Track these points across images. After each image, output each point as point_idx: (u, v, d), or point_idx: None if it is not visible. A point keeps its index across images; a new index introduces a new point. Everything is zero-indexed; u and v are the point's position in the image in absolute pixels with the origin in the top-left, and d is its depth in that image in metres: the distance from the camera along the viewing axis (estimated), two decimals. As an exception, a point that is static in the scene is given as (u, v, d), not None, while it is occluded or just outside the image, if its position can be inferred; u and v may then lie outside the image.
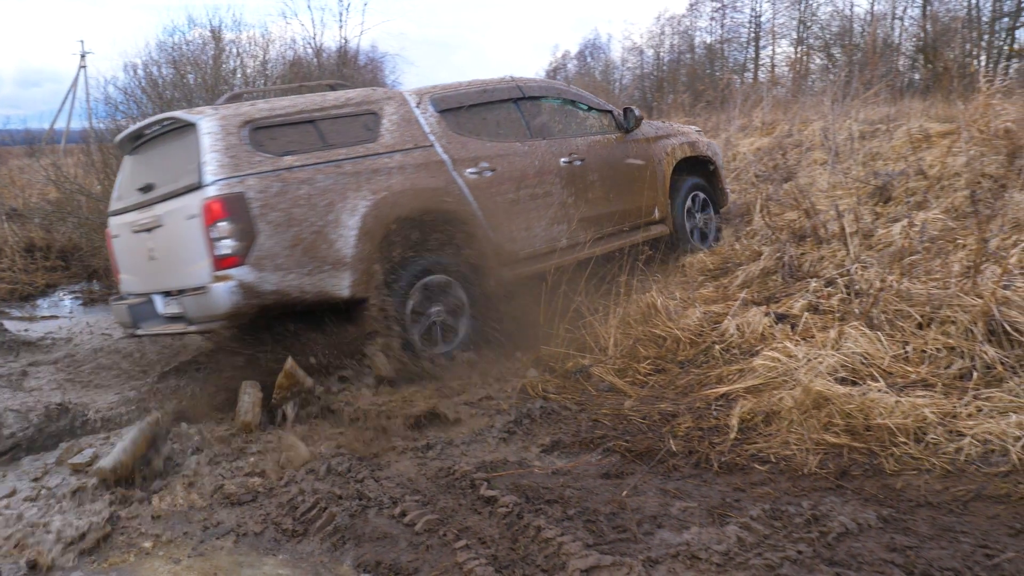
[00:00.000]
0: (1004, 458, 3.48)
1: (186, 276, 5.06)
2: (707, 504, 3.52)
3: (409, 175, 5.50)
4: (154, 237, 5.30)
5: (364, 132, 5.52)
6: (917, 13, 29.59)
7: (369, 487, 3.96)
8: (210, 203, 4.77)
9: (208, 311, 4.89)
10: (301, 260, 4.99)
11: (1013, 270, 4.75)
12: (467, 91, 6.28)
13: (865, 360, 4.48)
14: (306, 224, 5.02)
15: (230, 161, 4.88)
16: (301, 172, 5.08)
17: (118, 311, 5.84)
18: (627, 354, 5.48)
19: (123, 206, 5.75)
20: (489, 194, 5.94)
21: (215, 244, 4.79)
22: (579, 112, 7.02)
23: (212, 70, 12.54)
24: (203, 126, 4.96)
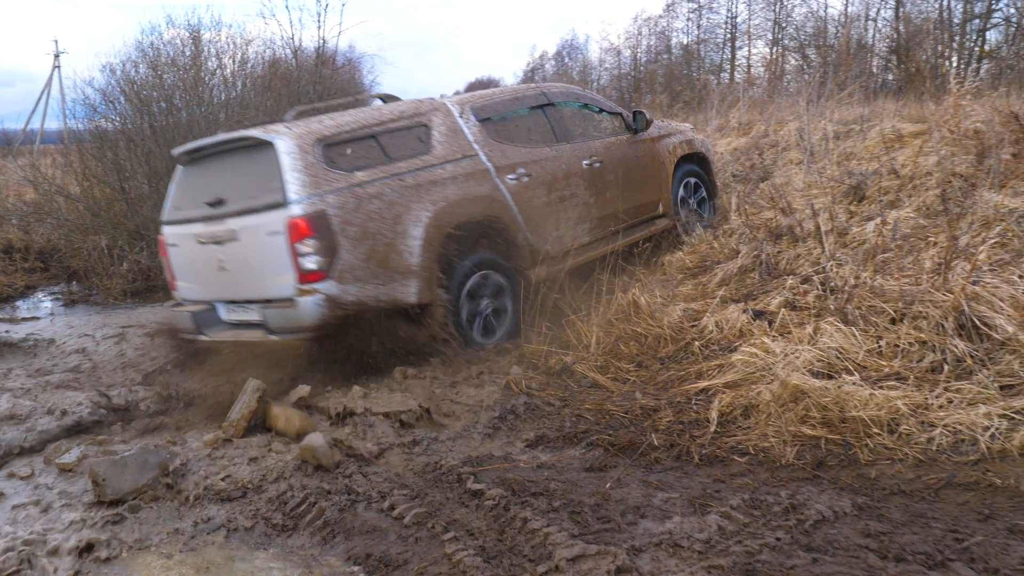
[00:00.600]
0: (973, 447, 3.61)
1: (267, 288, 5.27)
2: (688, 495, 3.62)
3: (461, 184, 5.80)
4: (226, 249, 5.43)
5: (419, 144, 5.79)
6: (890, 14, 30.01)
7: (357, 482, 4.03)
8: (296, 221, 4.99)
9: (295, 323, 5.10)
10: (376, 271, 5.26)
11: (982, 266, 4.90)
12: (501, 99, 6.61)
13: (840, 354, 4.60)
14: (379, 237, 5.28)
15: (310, 180, 5.09)
16: (371, 187, 5.33)
17: (180, 317, 5.93)
18: (609, 351, 5.58)
19: (184, 217, 5.84)
20: (526, 198, 6.25)
21: (301, 259, 5.02)
22: (594, 115, 7.33)
23: (192, 71, 12.51)
24: (280, 145, 5.15)
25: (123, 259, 10.49)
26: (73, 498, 4.05)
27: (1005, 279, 4.57)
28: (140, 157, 11.34)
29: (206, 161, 5.89)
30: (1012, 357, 4.08)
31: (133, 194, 11.28)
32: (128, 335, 7.78)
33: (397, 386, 5.25)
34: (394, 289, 5.33)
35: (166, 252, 6.10)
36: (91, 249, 10.72)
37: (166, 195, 6.22)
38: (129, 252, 10.60)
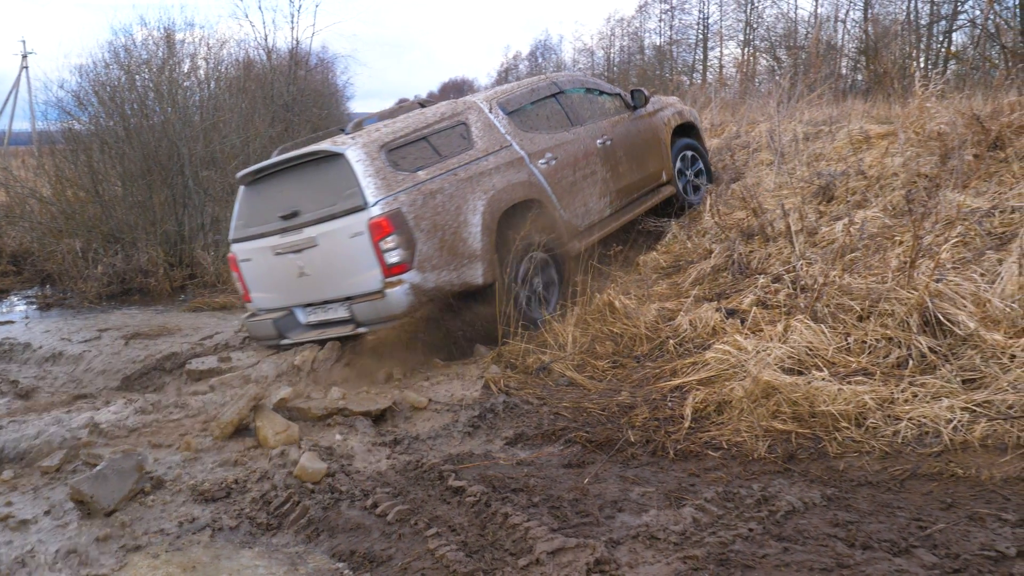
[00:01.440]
0: (937, 439, 3.75)
1: (353, 285, 5.69)
2: (664, 489, 3.73)
3: (503, 173, 6.29)
4: (305, 256, 5.81)
5: (462, 141, 6.29)
6: (859, 16, 30.43)
7: (340, 481, 4.09)
8: (377, 221, 5.44)
9: (386, 313, 5.56)
10: (448, 259, 5.75)
11: (946, 264, 5.06)
12: (521, 92, 7.19)
13: (810, 351, 4.73)
14: (447, 228, 5.77)
15: (383, 182, 5.56)
16: (432, 184, 5.80)
17: (261, 326, 6.22)
18: (585, 350, 5.68)
19: (255, 232, 6.15)
20: (556, 179, 6.79)
21: (385, 255, 5.47)
22: (598, 98, 7.92)
23: (166, 73, 12.46)
24: (351, 155, 5.61)
25: (98, 262, 10.45)
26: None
27: (967, 277, 4.72)
28: (114, 159, 11.29)
29: (270, 179, 6.22)
30: (974, 352, 4.23)
31: (107, 196, 11.24)
32: (104, 338, 7.78)
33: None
34: (464, 273, 5.81)
35: (237, 268, 6.39)
36: (65, 252, 10.67)
37: (232, 215, 6.55)
38: (104, 255, 10.57)
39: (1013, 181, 5.80)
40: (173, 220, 10.95)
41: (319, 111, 24.71)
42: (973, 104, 6.93)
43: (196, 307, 8.98)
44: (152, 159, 10.87)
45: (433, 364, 5.99)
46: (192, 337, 7.64)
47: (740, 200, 7.33)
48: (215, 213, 11.56)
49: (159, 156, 10.85)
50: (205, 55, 14.19)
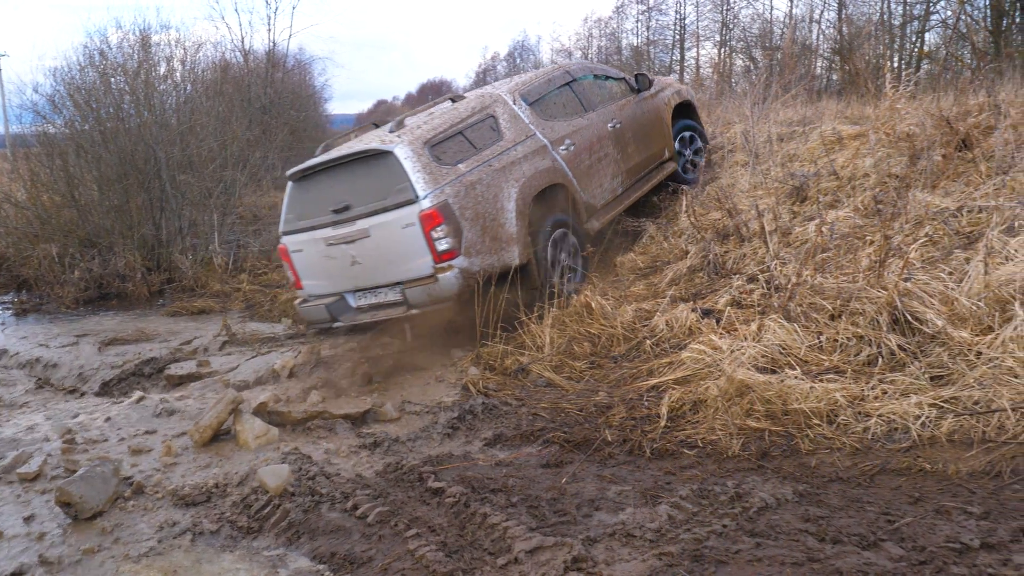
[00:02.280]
0: (906, 435, 3.83)
1: (405, 271, 6.12)
2: (640, 487, 3.79)
3: (530, 161, 6.74)
4: (357, 246, 6.24)
5: (493, 133, 6.73)
6: (834, 16, 30.72)
7: (321, 484, 4.12)
8: (428, 212, 5.88)
9: (437, 295, 5.99)
10: (489, 243, 6.21)
11: (915, 263, 5.16)
12: (539, 83, 7.62)
13: (783, 350, 4.81)
14: (487, 215, 6.23)
15: (430, 177, 5.98)
16: (471, 175, 6.24)
17: (314, 311, 6.61)
18: (563, 351, 5.73)
19: (306, 225, 6.54)
20: (575, 164, 7.26)
21: (436, 243, 5.92)
22: (605, 83, 8.38)
23: (142, 76, 12.39)
24: (399, 152, 6.02)
25: (74, 267, 10.38)
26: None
27: (935, 276, 4.82)
28: (89, 163, 11.21)
29: (319, 176, 6.59)
30: (941, 349, 4.32)
31: (83, 201, 11.15)
32: (82, 344, 7.74)
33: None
34: (503, 256, 6.29)
35: (288, 258, 6.77)
36: (41, 257, 10.59)
37: (281, 210, 6.94)
38: (81, 260, 10.50)
39: (980, 181, 5.92)
40: (150, 224, 10.89)
41: (296, 113, 24.63)
42: (942, 105, 7.05)
43: (174, 311, 8.95)
44: (128, 163, 10.80)
45: (413, 366, 6.02)
46: (171, 342, 7.62)
47: (715, 201, 7.42)
48: (193, 217, 11.52)
49: (135, 160, 10.78)
50: (181, 58, 14.12)
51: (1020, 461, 3.46)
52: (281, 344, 7.18)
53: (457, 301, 6.01)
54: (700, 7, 38.34)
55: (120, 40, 13.72)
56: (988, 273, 4.55)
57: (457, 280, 5.93)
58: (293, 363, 6.01)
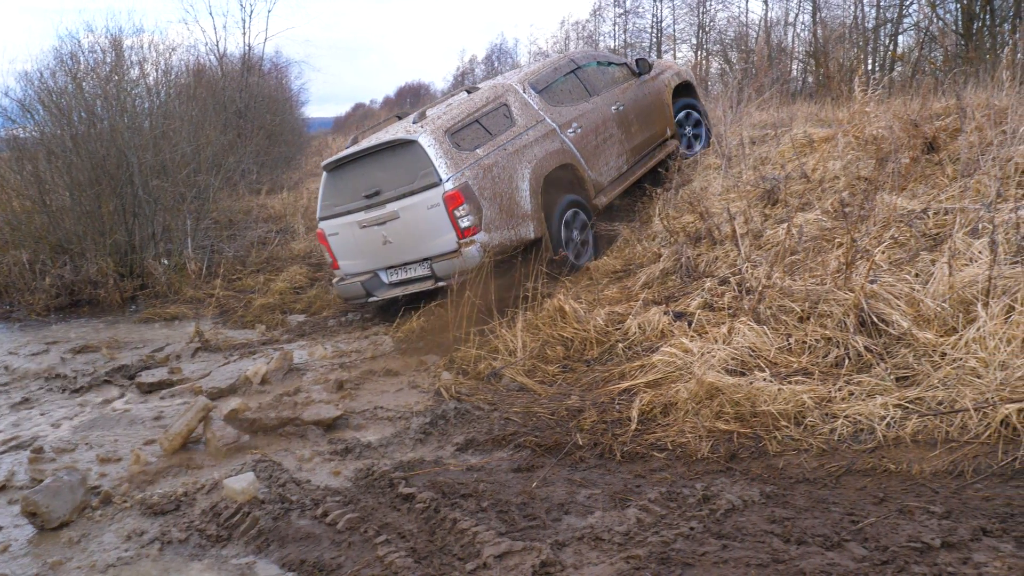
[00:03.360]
0: (871, 436, 3.88)
1: (432, 248, 6.77)
2: (610, 490, 3.81)
3: (542, 144, 7.38)
4: (388, 227, 6.94)
5: (506, 120, 7.37)
6: (809, 19, 30.97)
7: (291, 491, 4.11)
8: (451, 194, 6.55)
9: (461, 267, 6.63)
10: (507, 220, 6.86)
11: (882, 265, 5.22)
12: (546, 72, 8.25)
13: (753, 352, 4.85)
14: (504, 195, 6.87)
15: (452, 162, 6.63)
16: (488, 159, 6.89)
17: (351, 288, 7.34)
18: (536, 355, 5.75)
19: (340, 211, 7.26)
20: (582, 145, 7.88)
21: (459, 221, 6.59)
22: (608, 68, 8.97)
23: (114, 80, 12.29)
24: (423, 141, 6.69)
25: (45, 273, 10.26)
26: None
27: (900, 278, 4.88)
28: (61, 169, 11.09)
29: (350, 165, 7.29)
30: (907, 350, 4.37)
31: (55, 207, 11.03)
32: (52, 351, 7.66)
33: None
34: (519, 231, 6.93)
35: (326, 241, 7.47)
36: (11, 264, 10.45)
37: (318, 198, 7.64)
38: (52, 266, 10.38)
39: (946, 184, 6.00)
40: (123, 230, 10.78)
41: (272, 117, 24.49)
42: (910, 108, 7.14)
43: (147, 318, 8.86)
44: (100, 168, 10.69)
45: (386, 371, 6.02)
46: (143, 349, 7.56)
47: (688, 204, 7.46)
48: (166, 222, 11.42)
49: (107, 165, 10.67)
50: (154, 62, 14.02)
51: (982, 460, 3.50)
52: (254, 350, 7.14)
53: (479, 272, 6.61)
54: (676, 10, 38.53)
55: (92, 44, 13.63)
56: (952, 275, 4.61)
57: (479, 253, 6.61)
58: (266, 370, 5.98)
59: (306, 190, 18.99)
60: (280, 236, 12.97)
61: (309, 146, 33.67)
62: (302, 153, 29.92)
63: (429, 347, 6.61)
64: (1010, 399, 3.69)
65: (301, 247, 11.96)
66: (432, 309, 7.07)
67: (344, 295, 7.47)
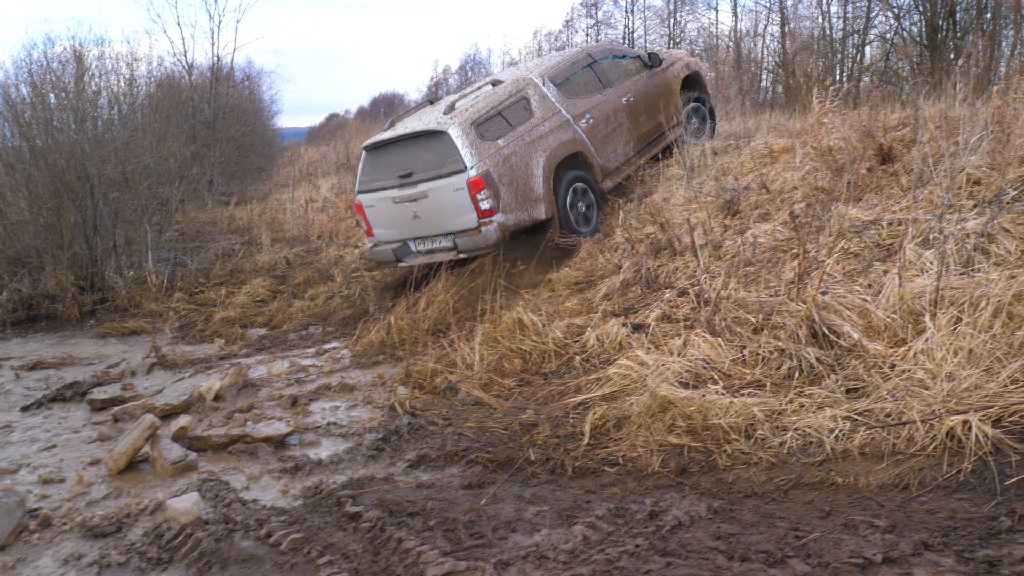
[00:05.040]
0: (820, 449, 3.87)
1: (456, 224, 7.63)
2: (559, 507, 3.77)
3: (556, 134, 8.19)
4: (418, 204, 7.78)
5: (525, 112, 8.16)
6: (777, 30, 31.26)
7: (236, 511, 4.02)
8: (474, 180, 7.39)
9: (480, 244, 7.52)
10: (521, 202, 7.70)
11: (835, 276, 5.23)
12: (564, 66, 8.96)
13: (707, 364, 4.84)
14: (520, 180, 7.71)
15: (475, 151, 7.46)
16: (508, 148, 7.71)
17: (383, 253, 8.22)
18: (493, 369, 5.70)
19: (377, 187, 8.09)
20: (593, 134, 8.65)
21: (480, 203, 7.42)
22: (621, 61, 9.72)
23: (75, 92, 12.12)
24: (452, 132, 7.51)
25: (2, 288, 10.07)
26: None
27: (851, 289, 4.89)
28: (20, 181, 10.90)
29: (387, 148, 8.11)
30: (857, 362, 4.38)
31: (13, 219, 10.83)
32: (4, 368, 7.50)
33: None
34: (532, 212, 7.78)
35: (363, 212, 8.35)
36: (-33, 279, 10.25)
37: (358, 174, 8.49)
38: (8, 281, 10.18)
39: (900, 194, 6.03)
40: (83, 243, 10.61)
41: (242, 128, 24.30)
42: (866, 118, 7.19)
43: (104, 332, 8.70)
44: (60, 180, 10.52)
45: (342, 387, 5.95)
46: (97, 365, 7.42)
47: (650, 215, 7.47)
48: (128, 235, 11.25)
49: (66, 178, 10.50)
50: (118, 71, 13.84)
51: (927, 473, 3.50)
52: (211, 366, 7.03)
53: (496, 247, 7.53)
54: (648, 21, 38.78)
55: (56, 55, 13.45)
56: (902, 286, 4.63)
57: (496, 232, 7.45)
58: (219, 386, 5.88)
59: (275, 200, 18.84)
60: (245, 248, 12.83)
61: (281, 157, 33.47)
62: (274, 164, 29.71)
63: (388, 361, 6.55)
64: (956, 410, 3.69)
65: (266, 259, 11.84)
66: (391, 323, 7.01)
67: (376, 259, 8.40)
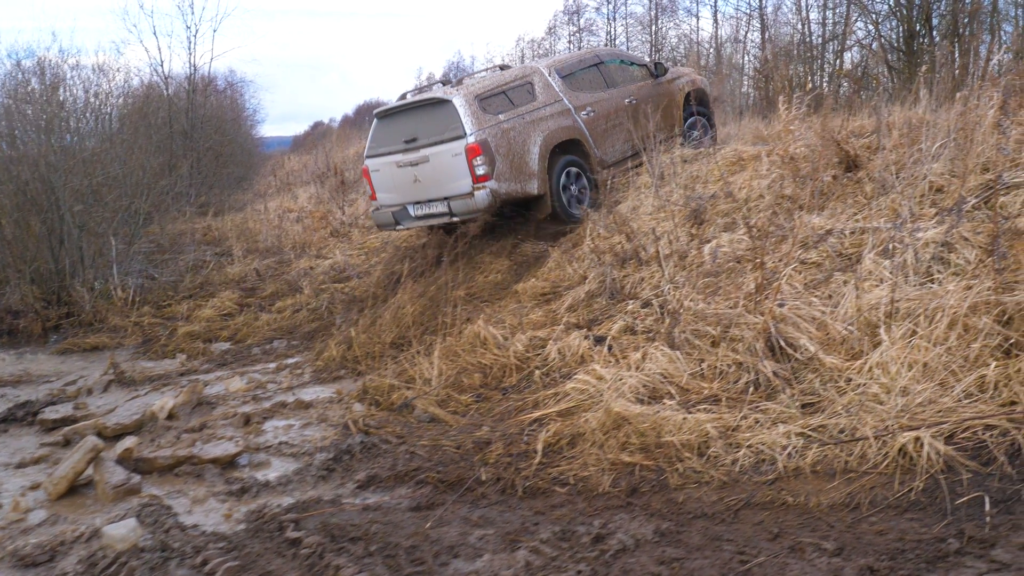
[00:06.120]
0: (772, 466, 3.77)
1: (452, 189, 8.02)
2: (505, 530, 3.66)
3: (555, 119, 8.69)
4: (419, 168, 8.20)
5: (528, 95, 8.69)
6: (758, 37, 31.33)
7: (174, 537, 3.90)
8: (472, 146, 7.82)
9: (472, 207, 7.90)
10: (515, 175, 8.13)
11: (797, 287, 5.14)
12: (572, 62, 9.57)
13: (665, 378, 4.74)
14: (515, 154, 8.17)
15: (476, 121, 7.93)
16: (507, 124, 8.19)
17: (383, 215, 8.66)
18: (451, 384, 5.59)
19: (384, 151, 8.52)
20: (593, 126, 9.12)
21: (475, 167, 7.83)
22: (629, 67, 10.28)
23: (47, 103, 11.95)
24: (456, 101, 7.98)
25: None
26: None
27: (808, 301, 4.80)
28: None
29: (397, 115, 8.59)
30: (814, 375, 4.29)
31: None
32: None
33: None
34: (525, 185, 8.21)
35: (368, 176, 8.79)
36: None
37: (367, 140, 8.94)
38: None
39: (864, 202, 5.95)
40: (49, 256, 10.43)
41: (220, 137, 24.08)
42: (832, 126, 7.13)
43: (66, 348, 8.53)
44: (23, 193, 10.34)
45: (298, 404, 5.82)
46: (55, 382, 7.25)
47: (615, 224, 7.37)
48: (97, 248, 11.07)
49: (30, 190, 10.33)
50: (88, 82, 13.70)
51: (878, 492, 3.41)
52: (169, 382, 6.87)
53: (486, 212, 7.93)
54: (629, 28, 38.78)
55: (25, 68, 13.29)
56: (860, 297, 4.55)
57: (487, 197, 7.83)
58: (173, 404, 5.74)
59: (253, 210, 18.63)
60: (217, 260, 12.66)
61: (264, 166, 33.22)
62: (256, 173, 29.45)
63: (350, 376, 6.43)
64: (909, 426, 3.61)
65: (236, 271, 11.69)
66: (353, 336, 6.89)
67: (377, 221, 8.90)
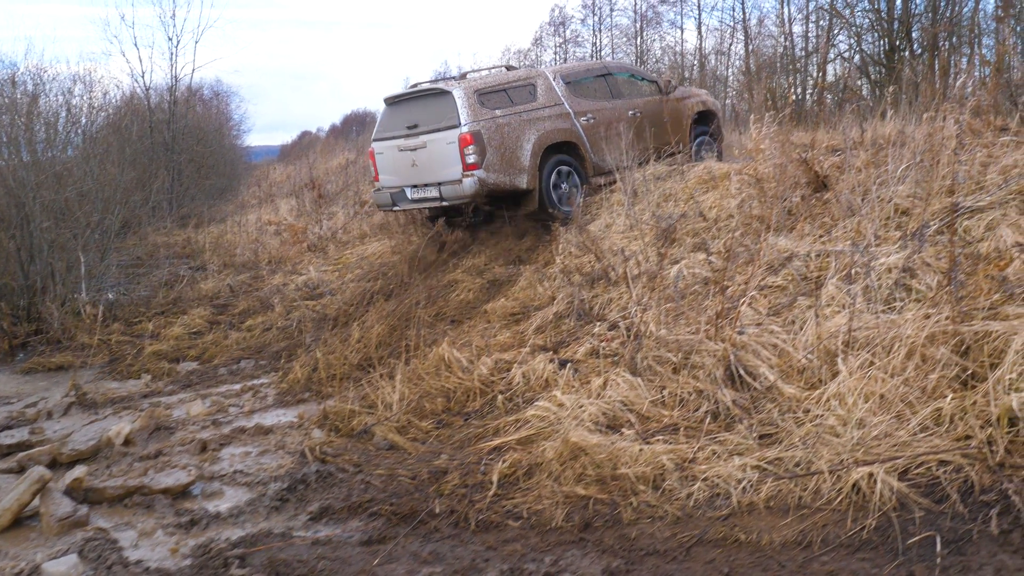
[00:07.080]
0: (727, 501, 3.70)
1: (444, 175, 8.61)
2: (455, 567, 3.57)
3: (553, 121, 9.15)
4: (417, 154, 8.84)
5: (529, 95, 9.16)
6: (741, 50, 31.46)
7: (116, 574, 3.79)
8: (464, 135, 8.38)
9: (460, 193, 8.52)
10: (505, 168, 8.61)
11: (761, 312, 5.08)
12: (579, 70, 10.09)
13: (625, 406, 4.67)
14: (508, 148, 8.63)
15: (472, 113, 8.48)
16: (503, 119, 8.71)
17: (383, 196, 9.38)
18: (413, 409, 5.49)
19: (389, 136, 9.17)
20: (591, 132, 9.51)
21: (466, 156, 8.36)
22: (638, 82, 10.74)
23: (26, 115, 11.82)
24: (455, 93, 8.56)
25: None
26: None
27: (768, 328, 4.74)
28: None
29: (403, 102, 9.21)
30: (772, 405, 4.23)
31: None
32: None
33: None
34: (514, 179, 8.68)
35: (374, 158, 9.41)
36: None
37: (376, 124, 9.72)
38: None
39: (831, 223, 5.91)
40: (19, 272, 10.28)
41: (202, 148, 23.95)
42: (806, 142, 7.10)
43: (31, 368, 8.37)
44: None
45: (257, 430, 5.71)
46: (15, 404, 7.11)
47: (585, 244, 7.31)
48: (67, 263, 10.91)
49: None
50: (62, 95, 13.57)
51: (831, 529, 3.35)
52: (131, 405, 6.74)
53: (473, 199, 8.61)
54: (615, 40, 38.90)
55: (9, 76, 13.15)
56: (820, 324, 4.49)
57: (474, 185, 8.39)
58: (130, 429, 5.62)
59: (233, 222, 18.47)
60: (192, 275, 12.53)
61: (250, 176, 33.03)
62: (241, 183, 29.26)
63: (314, 398, 6.34)
64: (864, 461, 3.54)
65: (209, 287, 11.56)
66: (318, 357, 6.79)
67: (377, 202, 9.55)
